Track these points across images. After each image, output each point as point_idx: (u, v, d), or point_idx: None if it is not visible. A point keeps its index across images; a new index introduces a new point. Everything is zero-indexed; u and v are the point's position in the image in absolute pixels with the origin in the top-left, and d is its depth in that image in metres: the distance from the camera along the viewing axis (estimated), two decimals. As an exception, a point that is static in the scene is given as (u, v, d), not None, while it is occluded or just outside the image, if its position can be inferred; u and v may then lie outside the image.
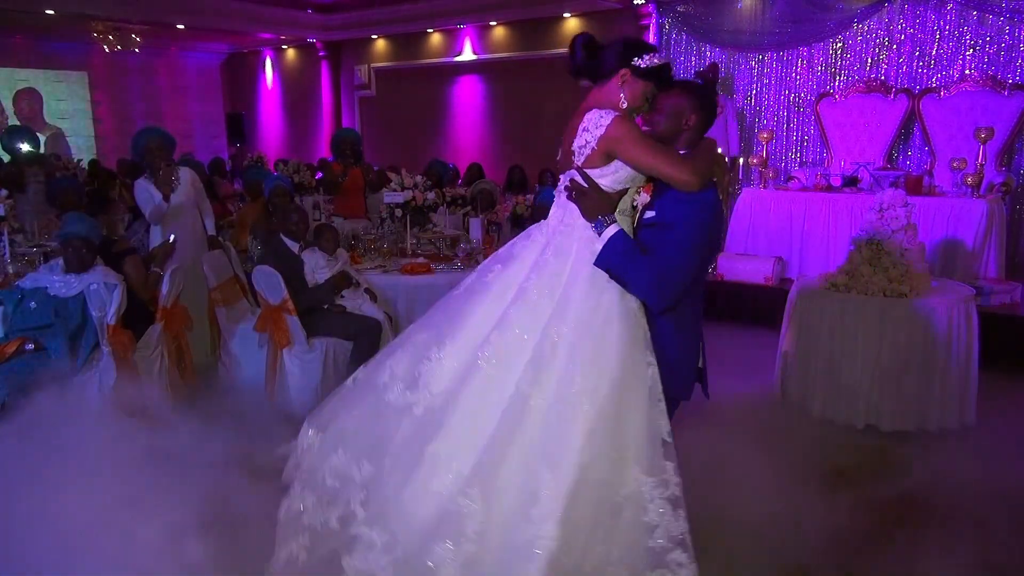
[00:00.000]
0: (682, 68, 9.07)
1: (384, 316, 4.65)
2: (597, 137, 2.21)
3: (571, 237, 2.30)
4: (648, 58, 2.28)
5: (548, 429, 2.05)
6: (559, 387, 2.09)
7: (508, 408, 2.08)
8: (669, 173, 2.20)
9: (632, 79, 2.29)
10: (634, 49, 2.30)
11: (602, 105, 2.29)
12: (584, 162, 2.26)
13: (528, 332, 2.18)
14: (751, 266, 6.46)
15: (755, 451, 4.00)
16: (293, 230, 4.61)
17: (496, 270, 2.38)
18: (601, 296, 2.22)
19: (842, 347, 4.10)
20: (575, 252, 2.27)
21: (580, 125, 2.26)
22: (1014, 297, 5.48)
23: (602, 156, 2.24)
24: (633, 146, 2.21)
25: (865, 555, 3.02)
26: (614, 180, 2.28)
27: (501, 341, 2.17)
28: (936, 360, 4.02)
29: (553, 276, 2.25)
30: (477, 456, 2.03)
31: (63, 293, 3.80)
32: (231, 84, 14.97)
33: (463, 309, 2.32)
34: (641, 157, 2.22)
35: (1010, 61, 7.11)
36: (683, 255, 2.23)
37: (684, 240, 2.22)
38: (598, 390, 2.10)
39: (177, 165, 5.21)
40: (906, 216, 4.16)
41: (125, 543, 2.12)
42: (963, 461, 3.85)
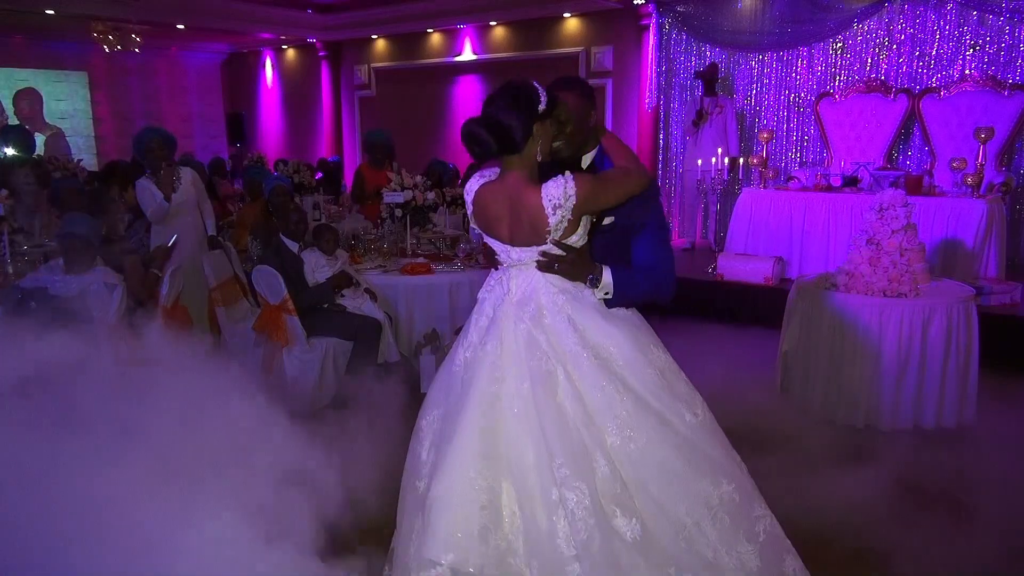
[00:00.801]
0: (682, 68, 9.09)
1: (384, 316, 4.66)
2: (571, 208, 2.10)
3: (559, 312, 2.17)
4: (542, 98, 2.14)
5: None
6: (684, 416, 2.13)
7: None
8: (631, 188, 2.19)
9: (542, 126, 2.15)
10: (530, 98, 2.13)
11: (528, 169, 2.16)
12: (562, 236, 2.15)
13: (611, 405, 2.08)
14: (751, 266, 6.46)
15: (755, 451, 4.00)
16: (293, 230, 4.62)
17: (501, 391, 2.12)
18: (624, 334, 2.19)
19: (842, 347, 4.11)
20: (576, 320, 2.16)
21: (541, 206, 2.10)
22: (1014, 297, 5.48)
23: (577, 220, 2.15)
24: (603, 192, 2.15)
25: (865, 554, 3.03)
26: (583, 232, 2.21)
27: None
28: (936, 360, 4.02)
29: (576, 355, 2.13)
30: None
31: (63, 293, 3.80)
32: (231, 84, 14.96)
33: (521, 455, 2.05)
34: (613, 195, 2.18)
35: (1010, 61, 7.12)
36: (669, 247, 2.36)
37: (660, 232, 2.32)
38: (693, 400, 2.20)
39: (178, 165, 5.21)
40: (906, 216, 4.17)
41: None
42: (963, 461, 3.85)
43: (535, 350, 2.10)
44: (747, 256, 6.67)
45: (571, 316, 2.15)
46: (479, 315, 2.29)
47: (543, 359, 2.09)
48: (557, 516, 1.96)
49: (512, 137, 2.11)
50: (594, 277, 2.20)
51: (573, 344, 2.11)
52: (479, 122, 2.13)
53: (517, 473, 2.03)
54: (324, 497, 2.28)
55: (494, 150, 2.13)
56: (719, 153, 7.68)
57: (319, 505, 2.25)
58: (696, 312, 6.19)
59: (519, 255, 2.21)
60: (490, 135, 2.11)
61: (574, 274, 2.19)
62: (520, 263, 2.23)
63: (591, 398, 2.06)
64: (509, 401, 2.08)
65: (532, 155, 2.16)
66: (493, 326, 2.20)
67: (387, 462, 2.86)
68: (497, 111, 2.12)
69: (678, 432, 2.08)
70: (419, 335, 4.88)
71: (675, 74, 9.17)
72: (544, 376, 2.08)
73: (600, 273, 2.21)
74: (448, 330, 4.94)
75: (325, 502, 2.27)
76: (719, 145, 7.93)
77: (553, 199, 2.09)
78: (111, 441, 2.07)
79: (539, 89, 2.15)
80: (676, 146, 9.26)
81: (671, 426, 2.08)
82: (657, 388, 2.11)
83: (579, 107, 2.27)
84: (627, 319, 2.24)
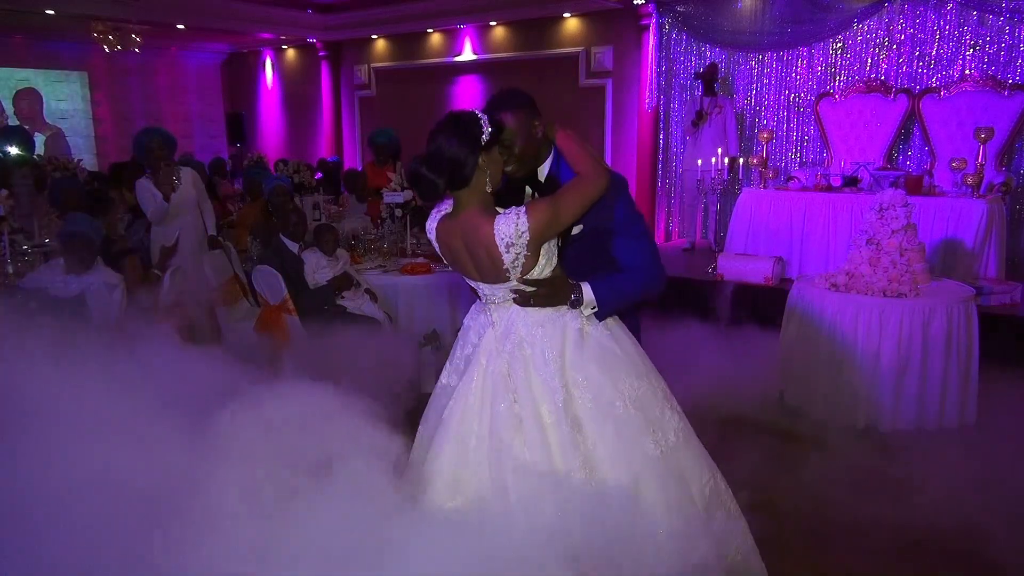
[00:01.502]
0: (682, 68, 9.08)
1: (384, 316, 4.66)
2: (525, 244, 2.03)
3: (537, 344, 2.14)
4: (485, 127, 2.06)
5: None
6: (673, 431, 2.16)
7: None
8: (594, 193, 2.08)
9: (488, 156, 2.07)
10: (471, 130, 2.05)
11: (481, 203, 2.09)
12: (522, 271, 2.09)
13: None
14: (751, 266, 6.46)
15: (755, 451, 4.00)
16: (292, 231, 4.62)
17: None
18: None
19: (842, 347, 4.10)
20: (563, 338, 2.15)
21: (495, 243, 2.03)
22: (1014, 297, 5.48)
23: (536, 251, 2.07)
24: (561, 214, 2.05)
25: (864, 554, 3.02)
26: (550, 259, 2.13)
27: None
28: (936, 360, 4.02)
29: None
30: None
31: (63, 293, 3.80)
32: (231, 84, 14.96)
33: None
34: (571, 211, 2.07)
35: (1010, 61, 7.11)
36: (647, 240, 2.29)
37: (634, 227, 2.25)
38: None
39: (178, 165, 5.22)
40: (906, 216, 4.17)
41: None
42: (963, 461, 3.85)
43: (504, 392, 2.10)
44: (747, 256, 6.67)
45: (545, 350, 2.11)
46: (464, 342, 2.29)
47: (511, 402, 2.09)
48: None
49: (457, 173, 2.04)
50: (575, 298, 2.15)
51: (548, 378, 2.08)
52: (422, 161, 2.06)
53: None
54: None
55: (441, 189, 2.06)
56: (719, 153, 7.68)
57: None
58: (696, 312, 6.19)
59: (491, 291, 2.18)
60: (434, 173, 2.04)
61: (553, 302, 2.15)
62: (496, 299, 2.19)
63: (557, 436, 2.05)
64: (477, 441, 2.12)
65: (482, 187, 2.08)
66: (475, 356, 2.20)
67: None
68: (439, 147, 2.04)
69: (640, 465, 2.06)
70: (419, 335, 4.88)
71: (675, 74, 9.17)
72: (508, 420, 2.07)
73: (581, 292, 2.15)
74: (448, 330, 4.94)
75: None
76: (719, 145, 7.93)
77: (505, 237, 2.02)
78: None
79: (481, 118, 2.07)
80: (676, 146, 9.26)
81: (630, 460, 2.05)
82: (623, 420, 2.07)
83: (521, 124, 2.16)
84: (605, 349, 2.16)
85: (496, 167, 2.11)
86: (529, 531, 1.98)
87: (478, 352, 2.20)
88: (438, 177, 2.05)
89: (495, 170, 2.11)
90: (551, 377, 2.08)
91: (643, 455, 2.06)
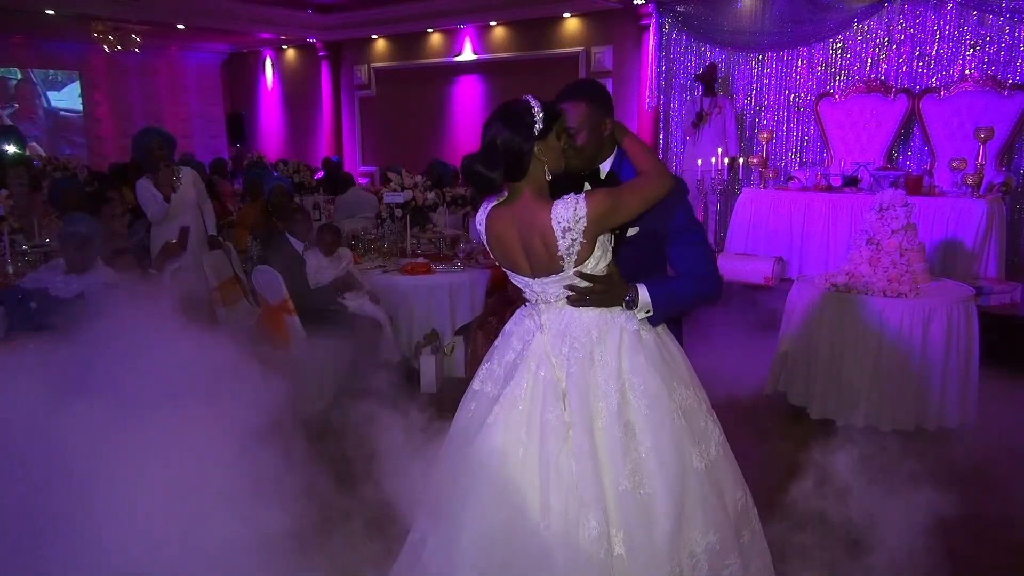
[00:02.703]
0: (682, 68, 9.09)
1: (385, 316, 4.66)
2: (583, 230, 1.96)
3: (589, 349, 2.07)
4: (537, 114, 1.99)
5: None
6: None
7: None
8: (656, 194, 2.04)
9: (545, 146, 2.02)
10: (523, 118, 1.99)
11: (537, 190, 2.04)
12: (577, 260, 2.02)
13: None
14: (751, 266, 6.46)
15: (755, 451, 4.00)
16: (298, 230, 4.63)
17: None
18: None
19: (842, 347, 4.10)
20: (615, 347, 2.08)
21: (551, 228, 1.98)
22: (1014, 297, 5.48)
23: (592, 241, 2.00)
24: (620, 208, 2.00)
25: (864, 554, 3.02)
26: (606, 254, 2.07)
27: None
28: (936, 360, 4.02)
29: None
30: None
31: (64, 293, 3.80)
32: (231, 84, 14.96)
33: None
34: (632, 208, 2.02)
35: (1010, 61, 7.11)
36: (705, 247, 2.24)
37: (692, 233, 2.19)
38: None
39: (179, 165, 5.22)
40: (906, 216, 4.17)
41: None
42: (963, 461, 3.85)
43: (555, 401, 2.02)
44: (747, 256, 6.67)
45: (601, 352, 2.05)
46: (505, 348, 2.18)
47: (560, 411, 2.01)
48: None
49: (514, 165, 1.99)
50: (630, 299, 2.07)
51: (603, 381, 2.02)
52: (475, 157, 2.01)
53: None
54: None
55: (498, 183, 2.01)
56: (719, 153, 7.68)
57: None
58: (696, 312, 6.18)
59: (542, 287, 2.08)
60: (490, 168, 1.99)
61: (608, 302, 2.07)
62: (547, 298, 2.10)
63: (607, 441, 1.99)
64: (524, 451, 2.03)
65: (540, 175, 2.03)
66: (522, 361, 2.10)
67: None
68: (492, 140, 1.99)
69: (687, 478, 2.01)
70: (419, 335, 4.88)
71: (675, 74, 9.17)
72: (558, 429, 2.00)
73: (636, 294, 2.07)
74: (448, 330, 4.95)
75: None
76: (719, 145, 7.93)
77: (563, 221, 1.95)
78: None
79: (534, 106, 2.00)
80: (676, 146, 9.26)
81: (680, 473, 2.00)
82: (676, 430, 2.02)
83: (588, 116, 2.11)
84: (661, 354, 2.11)
85: (554, 153, 2.04)
86: (565, 546, 1.93)
87: (526, 357, 2.10)
88: (493, 171, 1.99)
89: (553, 156, 2.04)
90: (606, 380, 2.01)
91: (690, 468, 2.01)
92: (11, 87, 12.76)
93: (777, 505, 3.41)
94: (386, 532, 2.53)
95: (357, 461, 2.62)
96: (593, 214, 1.95)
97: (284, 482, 2.28)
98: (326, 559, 2.48)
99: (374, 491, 2.76)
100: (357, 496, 2.84)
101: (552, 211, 1.96)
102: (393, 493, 2.38)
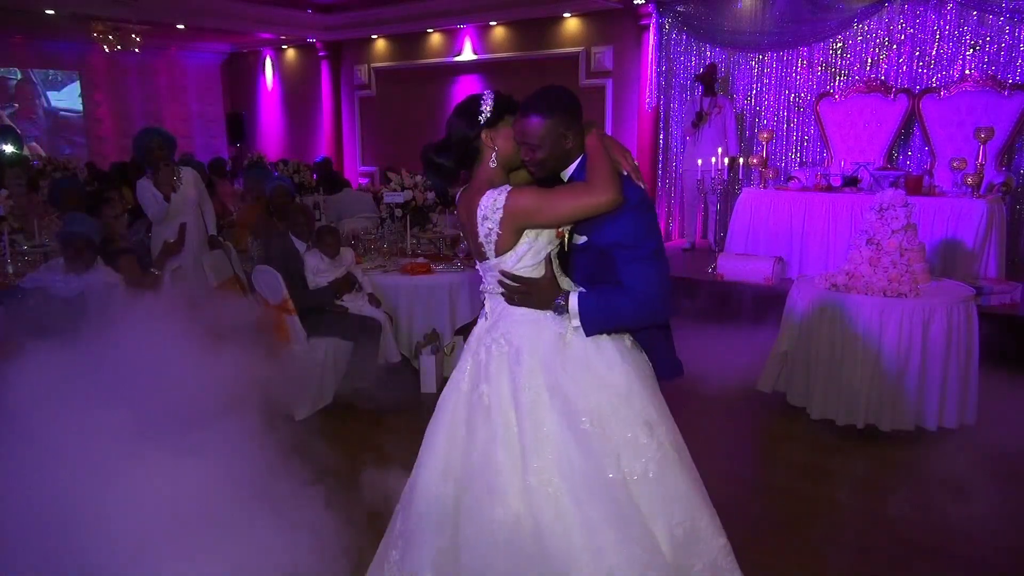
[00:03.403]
0: (682, 68, 9.09)
1: (385, 316, 4.66)
2: (498, 220, 2.00)
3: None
4: (486, 105, 2.06)
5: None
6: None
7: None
8: (591, 205, 1.98)
9: (492, 136, 2.07)
10: (470, 111, 2.08)
11: (488, 178, 2.08)
12: (496, 250, 2.06)
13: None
14: (751, 266, 6.46)
15: (755, 451, 4.00)
16: (300, 230, 4.63)
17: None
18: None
19: (842, 347, 4.10)
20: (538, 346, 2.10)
21: (476, 213, 2.04)
22: (1014, 297, 5.49)
23: (512, 235, 2.03)
24: (546, 208, 2.00)
25: (864, 553, 3.03)
26: (535, 254, 2.07)
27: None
28: (936, 360, 4.02)
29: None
30: None
31: (64, 293, 3.80)
32: (231, 84, 14.96)
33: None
34: (558, 212, 2.00)
35: (1010, 61, 7.12)
36: (655, 263, 2.07)
37: (640, 250, 2.05)
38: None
39: (179, 165, 5.22)
40: (906, 216, 4.16)
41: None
42: (964, 461, 3.85)
43: (482, 381, 2.11)
44: (747, 256, 6.68)
45: (522, 348, 2.07)
46: (473, 333, 2.30)
47: (484, 391, 2.09)
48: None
49: (460, 153, 2.10)
50: (559, 304, 2.07)
51: (520, 377, 2.04)
52: (430, 145, 2.15)
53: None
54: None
55: (450, 169, 2.13)
56: (719, 153, 7.68)
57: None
58: (696, 312, 6.19)
59: (483, 273, 2.18)
60: (438, 155, 2.12)
61: (534, 304, 2.09)
62: (488, 287, 2.19)
63: (518, 436, 2.03)
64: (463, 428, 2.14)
65: (485, 166, 2.09)
66: (468, 344, 2.23)
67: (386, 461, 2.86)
68: (447, 129, 2.12)
69: (595, 486, 1.98)
70: (419, 335, 4.88)
71: (675, 74, 9.17)
72: (479, 408, 2.09)
73: (566, 302, 2.06)
74: (448, 330, 4.95)
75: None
76: (719, 145, 7.93)
77: (483, 209, 2.02)
78: None
79: (487, 97, 2.08)
80: (676, 146, 9.26)
81: (589, 480, 1.98)
82: (587, 436, 1.99)
83: (548, 133, 2.02)
84: (584, 360, 2.08)
85: (505, 143, 2.08)
86: (475, 532, 2.00)
87: (471, 340, 2.22)
88: (442, 158, 2.11)
89: (504, 146, 2.09)
90: (523, 376, 2.04)
91: (602, 477, 1.97)
92: (11, 87, 12.75)
93: (777, 505, 3.41)
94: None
95: (357, 462, 2.63)
96: (511, 208, 2.00)
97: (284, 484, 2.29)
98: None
99: (373, 492, 2.78)
100: (357, 496, 2.84)
101: (481, 198, 2.04)
102: (392, 492, 2.39)
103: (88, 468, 2.07)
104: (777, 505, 3.41)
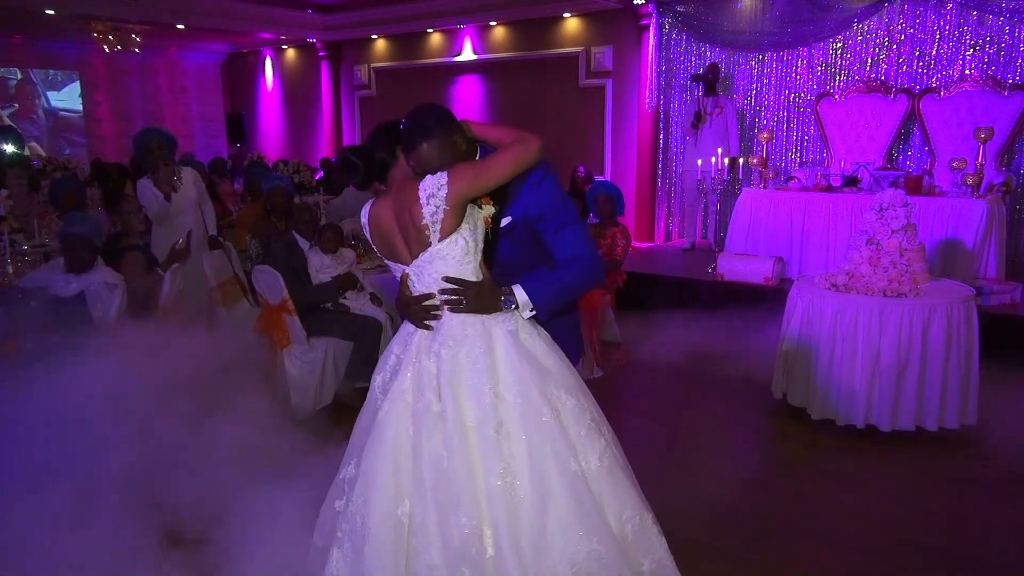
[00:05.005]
0: (682, 68, 9.09)
1: (386, 316, 4.66)
2: (444, 196, 2.02)
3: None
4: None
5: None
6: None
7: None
8: (524, 153, 2.08)
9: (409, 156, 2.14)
10: (388, 138, 2.19)
11: (416, 177, 2.12)
12: (441, 232, 2.05)
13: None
14: (751, 266, 6.46)
15: (754, 452, 4.00)
16: (304, 229, 4.64)
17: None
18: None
19: (842, 347, 4.10)
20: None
21: (418, 196, 2.04)
22: (1014, 297, 5.48)
23: (457, 212, 2.05)
24: (484, 170, 2.06)
25: (864, 553, 3.03)
26: (473, 237, 2.09)
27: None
28: (936, 360, 4.02)
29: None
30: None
31: (64, 292, 3.80)
32: (231, 84, 14.96)
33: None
34: (500, 169, 2.07)
35: (1010, 61, 7.12)
36: (579, 226, 2.20)
37: (562, 217, 2.17)
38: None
39: (179, 165, 5.22)
40: (906, 216, 4.16)
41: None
42: (964, 461, 3.86)
43: (430, 391, 2.05)
44: (747, 256, 6.68)
45: (473, 350, 2.06)
46: (399, 339, 2.22)
47: (435, 401, 2.04)
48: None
49: (376, 168, 2.20)
50: (508, 300, 2.09)
51: (476, 378, 2.02)
52: (351, 148, 2.23)
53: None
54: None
55: (363, 176, 2.22)
56: (719, 153, 7.68)
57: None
58: (696, 312, 6.19)
59: (418, 273, 2.12)
60: (359, 159, 2.20)
61: (485, 308, 2.08)
62: (425, 284, 2.12)
63: (479, 439, 1.99)
64: (411, 441, 2.07)
65: (404, 165, 2.16)
66: (406, 354, 2.15)
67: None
68: (369, 142, 2.23)
69: (560, 479, 1.99)
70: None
71: (675, 74, 9.17)
72: (430, 419, 2.03)
73: (513, 295, 2.09)
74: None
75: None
76: (719, 145, 7.93)
77: (427, 189, 2.04)
78: None
79: (402, 125, 2.16)
80: (676, 146, 9.26)
81: (553, 472, 1.99)
82: (549, 429, 2.00)
83: (436, 150, 2.08)
84: (537, 355, 2.10)
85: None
86: (442, 543, 1.95)
87: (409, 349, 2.15)
88: (363, 164, 2.21)
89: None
90: (479, 377, 2.03)
91: (565, 470, 1.99)
92: (11, 87, 12.75)
93: (777, 505, 3.41)
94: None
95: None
96: (455, 180, 2.03)
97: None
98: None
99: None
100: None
101: (421, 182, 2.06)
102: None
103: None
104: (777, 505, 3.41)
